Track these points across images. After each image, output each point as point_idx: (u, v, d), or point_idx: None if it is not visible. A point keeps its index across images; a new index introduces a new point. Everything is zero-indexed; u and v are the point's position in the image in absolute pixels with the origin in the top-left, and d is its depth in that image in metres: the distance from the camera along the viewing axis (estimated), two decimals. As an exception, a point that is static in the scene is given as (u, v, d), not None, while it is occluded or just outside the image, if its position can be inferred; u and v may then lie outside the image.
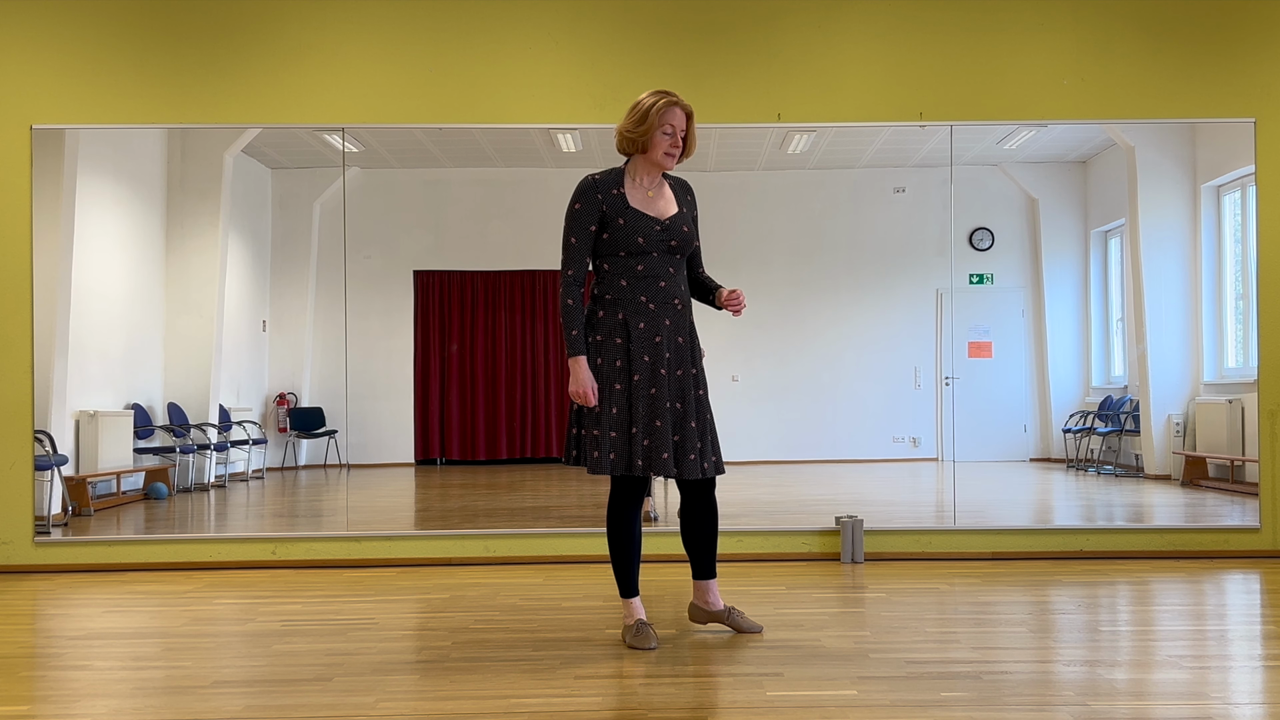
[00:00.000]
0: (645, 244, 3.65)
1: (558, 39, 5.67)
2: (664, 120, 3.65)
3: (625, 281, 3.67)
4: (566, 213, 3.69)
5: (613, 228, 3.64)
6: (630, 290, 3.66)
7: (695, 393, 3.72)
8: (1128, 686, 3.15)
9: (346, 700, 3.09)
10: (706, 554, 3.88)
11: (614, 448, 3.62)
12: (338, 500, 6.61)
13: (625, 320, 3.66)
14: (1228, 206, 6.41)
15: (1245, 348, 6.17)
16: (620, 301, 3.67)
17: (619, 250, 3.65)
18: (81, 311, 5.98)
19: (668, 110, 3.65)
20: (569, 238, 3.66)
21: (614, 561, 3.79)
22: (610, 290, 3.68)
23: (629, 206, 3.66)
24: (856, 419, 7.41)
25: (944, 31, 5.70)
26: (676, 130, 3.67)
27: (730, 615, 3.91)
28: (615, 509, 3.75)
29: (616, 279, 3.67)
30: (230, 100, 5.64)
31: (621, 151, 3.76)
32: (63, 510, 5.84)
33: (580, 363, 3.63)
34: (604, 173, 3.73)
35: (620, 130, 3.70)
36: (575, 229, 3.66)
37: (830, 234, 7.47)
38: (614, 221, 3.64)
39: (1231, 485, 6.14)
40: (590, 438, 3.66)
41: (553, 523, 6.05)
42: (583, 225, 3.65)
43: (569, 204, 3.68)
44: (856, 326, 7.44)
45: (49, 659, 3.65)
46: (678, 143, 3.69)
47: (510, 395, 7.58)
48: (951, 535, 5.68)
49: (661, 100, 3.65)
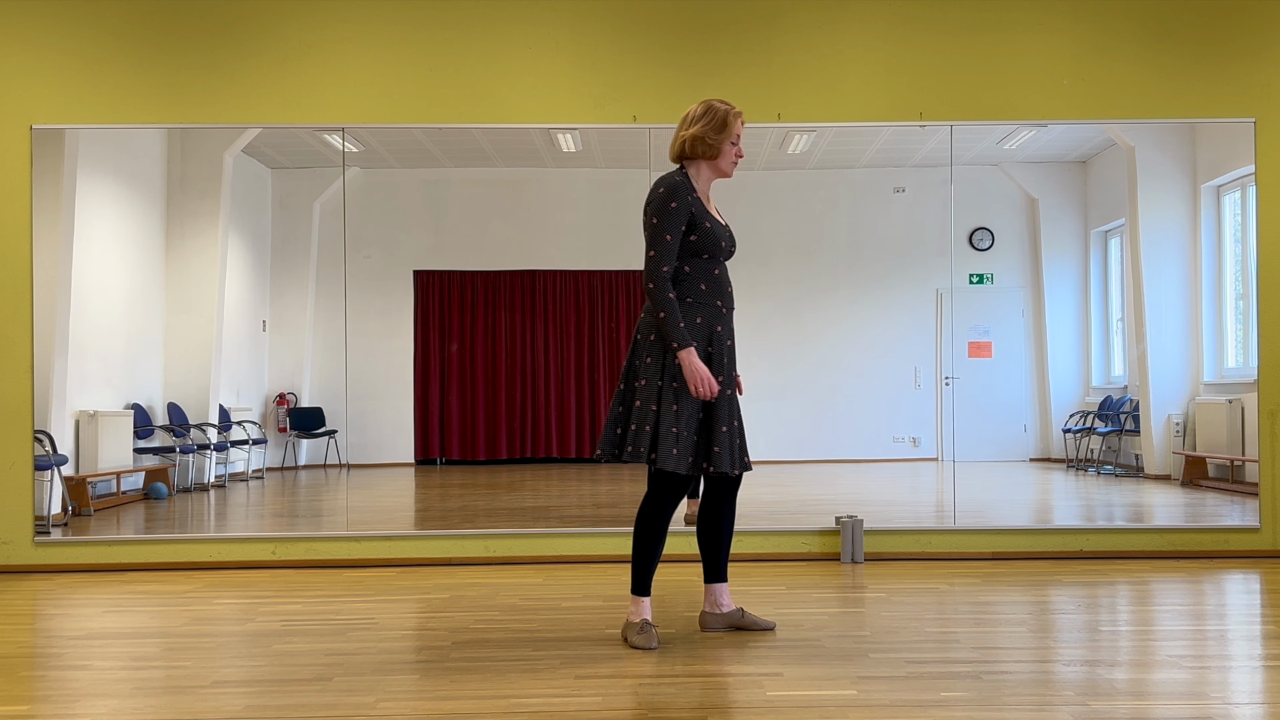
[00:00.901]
0: (724, 248, 3.73)
1: (558, 39, 5.67)
2: (735, 131, 3.74)
3: (705, 285, 3.71)
4: (657, 209, 3.64)
5: (700, 230, 3.67)
6: (709, 294, 3.71)
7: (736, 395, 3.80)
8: (1128, 686, 3.15)
9: (346, 700, 3.09)
10: (723, 554, 3.90)
11: (692, 449, 3.65)
12: (338, 500, 6.61)
13: (707, 323, 3.70)
14: (1228, 206, 6.41)
15: (1245, 348, 6.17)
16: (701, 305, 3.70)
17: (703, 253, 3.70)
18: (81, 311, 5.98)
19: (738, 122, 3.74)
20: (664, 234, 3.63)
21: (638, 557, 3.76)
22: (691, 293, 3.70)
23: (706, 211, 3.72)
24: (856, 419, 7.41)
25: (944, 31, 5.70)
26: (739, 140, 3.77)
27: (743, 616, 3.93)
28: (657, 506, 3.73)
29: (697, 282, 3.70)
30: (230, 100, 5.64)
31: (687, 156, 3.76)
32: (63, 510, 5.84)
33: (694, 354, 3.61)
34: (680, 174, 3.72)
35: (695, 135, 3.71)
36: (672, 226, 3.64)
37: (830, 234, 7.47)
38: (700, 224, 3.68)
39: (1231, 485, 6.14)
40: (668, 434, 3.62)
41: (552, 523, 6.05)
42: (677, 223, 3.64)
43: (660, 201, 3.64)
44: (856, 326, 7.44)
45: (49, 659, 3.65)
46: (742, 152, 3.79)
47: (510, 395, 7.58)
48: (951, 535, 5.68)
49: (735, 110, 3.74)
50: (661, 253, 3.62)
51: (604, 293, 7.57)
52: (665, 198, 3.64)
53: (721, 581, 3.93)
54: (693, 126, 3.72)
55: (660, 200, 3.64)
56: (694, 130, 3.71)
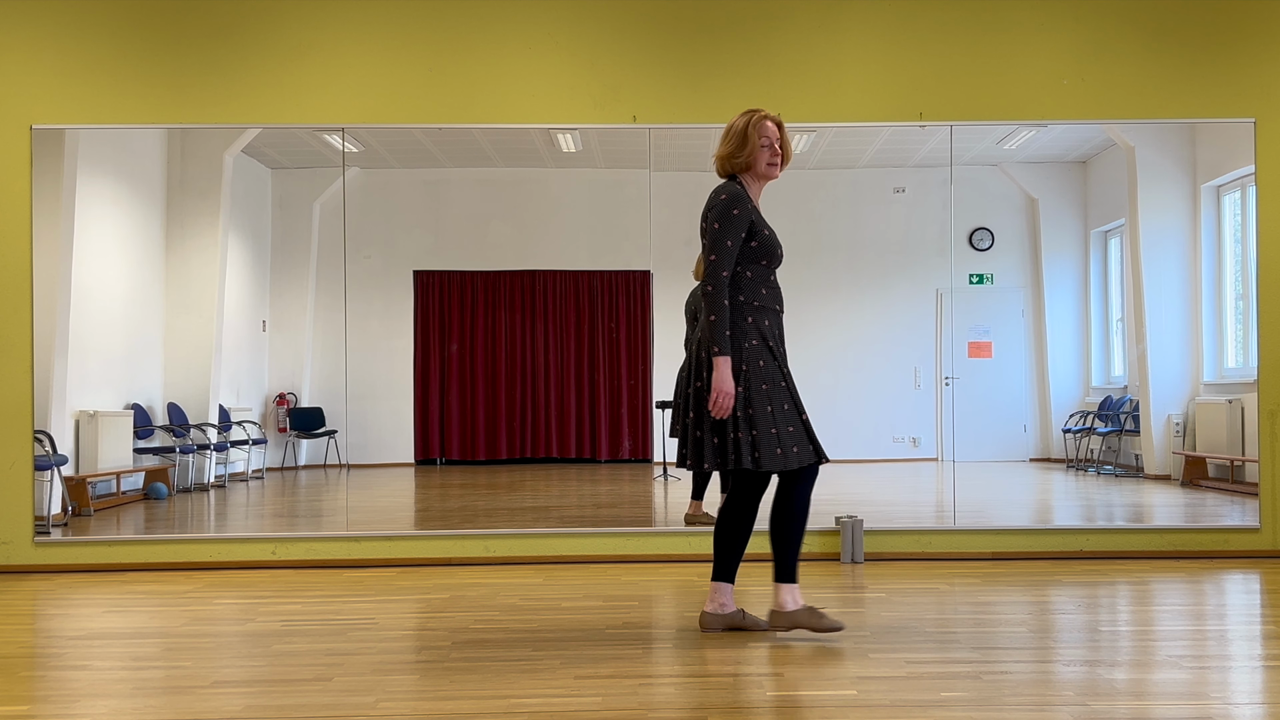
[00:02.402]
0: (779, 255, 3.85)
1: (558, 39, 5.67)
2: (762, 135, 3.82)
3: (765, 290, 3.82)
4: (720, 215, 3.74)
5: (760, 237, 3.79)
6: (769, 297, 3.83)
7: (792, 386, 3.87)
8: (1128, 686, 3.15)
9: (346, 700, 3.09)
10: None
11: (795, 441, 3.73)
12: (338, 500, 6.61)
13: (769, 325, 3.81)
14: (1228, 206, 6.41)
15: (1245, 348, 6.17)
16: (764, 308, 3.81)
17: (762, 259, 3.80)
18: (81, 311, 5.98)
19: (762, 125, 3.83)
20: (725, 240, 3.73)
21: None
22: (756, 297, 3.80)
23: (763, 219, 3.85)
24: (856, 419, 7.40)
25: (944, 31, 5.70)
26: (774, 140, 3.84)
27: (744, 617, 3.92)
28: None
29: (758, 286, 3.81)
30: (230, 100, 5.64)
31: (724, 175, 3.89)
32: (63, 510, 5.84)
33: (728, 363, 3.68)
34: (737, 183, 3.84)
35: (722, 156, 3.85)
36: (733, 233, 3.74)
37: (830, 234, 7.46)
38: (760, 231, 3.80)
39: (1231, 485, 6.14)
40: (766, 436, 3.70)
41: (552, 523, 6.05)
42: (738, 230, 3.75)
43: (723, 207, 3.74)
44: (856, 327, 7.43)
45: (49, 659, 3.65)
46: (777, 151, 3.85)
47: (510, 395, 7.58)
48: (951, 535, 5.68)
49: (755, 117, 3.83)
50: (722, 257, 3.72)
51: (604, 293, 7.56)
52: (728, 204, 3.75)
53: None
54: (720, 147, 3.87)
55: (723, 206, 3.75)
56: (721, 151, 3.87)
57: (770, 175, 3.88)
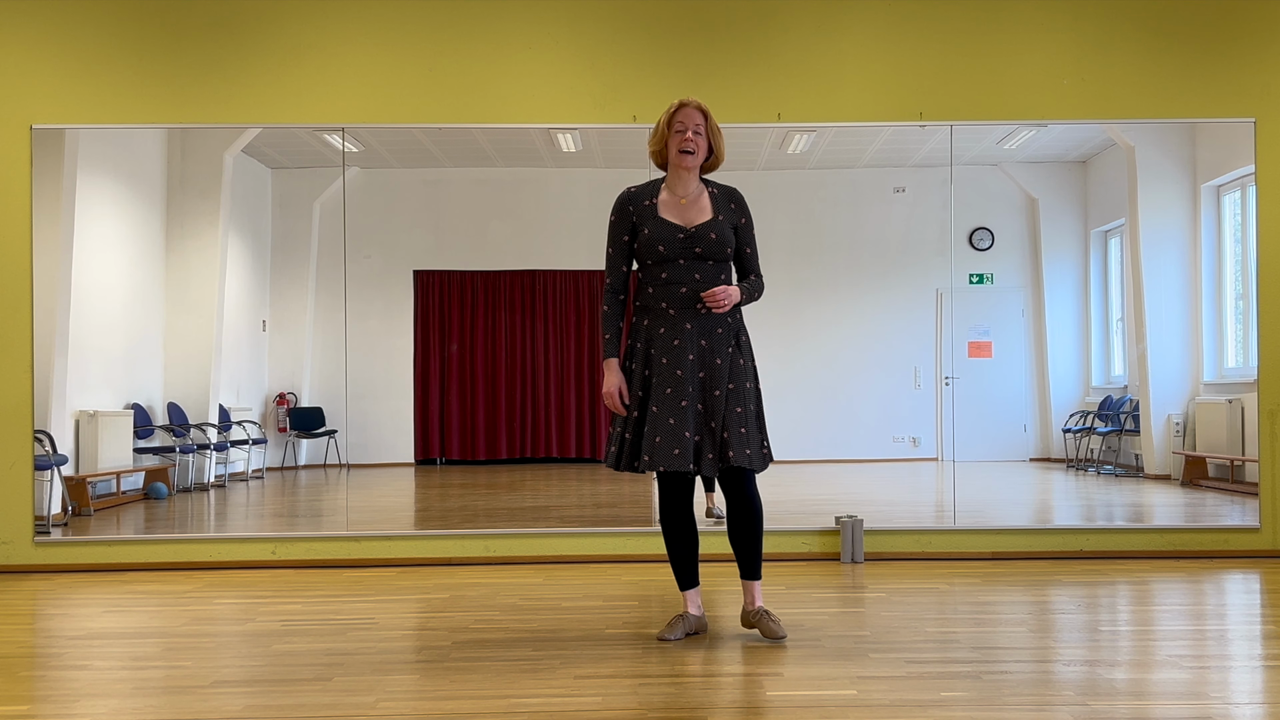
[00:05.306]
0: (666, 251, 3.74)
1: (558, 39, 5.67)
2: (674, 121, 3.78)
3: (652, 289, 3.80)
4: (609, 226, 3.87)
5: (640, 237, 3.79)
6: (654, 296, 3.79)
7: (714, 393, 3.71)
8: (1128, 686, 3.15)
9: (346, 700, 3.09)
10: (743, 552, 3.83)
11: (619, 446, 3.78)
12: (338, 500, 6.61)
13: (650, 325, 3.78)
14: (1228, 206, 6.41)
15: (1245, 348, 6.17)
16: (648, 308, 3.80)
17: (646, 259, 3.79)
18: (81, 311, 5.98)
19: (678, 110, 3.78)
20: (607, 248, 3.85)
21: (669, 556, 3.92)
22: (641, 296, 3.84)
23: (656, 216, 3.79)
24: (856, 419, 7.40)
25: (944, 31, 5.70)
26: (688, 125, 3.75)
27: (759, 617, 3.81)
28: (661, 507, 3.89)
29: (646, 286, 3.82)
30: (230, 100, 5.64)
31: (660, 167, 3.91)
32: (63, 510, 5.84)
33: (610, 365, 3.80)
34: (642, 185, 3.88)
35: (649, 150, 3.88)
36: (611, 240, 3.85)
37: (830, 234, 7.47)
38: (641, 231, 3.79)
39: (1231, 485, 6.14)
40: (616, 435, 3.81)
41: (552, 523, 6.05)
42: (616, 236, 3.83)
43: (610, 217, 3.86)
44: (856, 326, 7.43)
45: (49, 659, 3.65)
46: (689, 138, 3.75)
47: (510, 395, 7.58)
48: (951, 535, 5.68)
49: (673, 106, 3.80)
50: (606, 266, 3.85)
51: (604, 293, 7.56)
52: (611, 214, 3.85)
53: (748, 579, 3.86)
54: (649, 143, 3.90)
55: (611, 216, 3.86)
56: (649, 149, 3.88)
57: (681, 163, 3.75)
